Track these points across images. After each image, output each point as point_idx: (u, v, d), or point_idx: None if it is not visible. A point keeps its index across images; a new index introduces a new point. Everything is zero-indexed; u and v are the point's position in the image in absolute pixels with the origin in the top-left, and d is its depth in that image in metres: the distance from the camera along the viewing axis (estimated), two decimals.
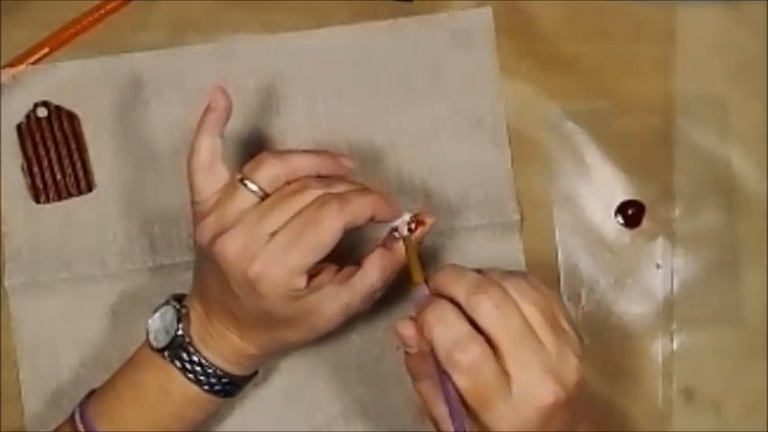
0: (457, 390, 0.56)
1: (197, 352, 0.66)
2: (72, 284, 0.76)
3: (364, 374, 0.77)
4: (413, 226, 0.66)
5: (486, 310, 0.56)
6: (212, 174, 0.65)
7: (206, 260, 0.64)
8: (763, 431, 0.77)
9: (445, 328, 0.56)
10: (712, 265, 0.78)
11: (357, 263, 0.66)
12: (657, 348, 0.77)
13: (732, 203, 0.78)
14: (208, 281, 0.65)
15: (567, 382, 0.56)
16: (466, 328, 0.56)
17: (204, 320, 0.67)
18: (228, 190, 0.64)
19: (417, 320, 0.58)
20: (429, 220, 0.67)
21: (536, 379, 0.56)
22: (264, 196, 0.63)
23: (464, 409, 0.56)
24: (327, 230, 0.61)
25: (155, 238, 0.76)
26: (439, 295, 0.58)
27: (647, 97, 0.78)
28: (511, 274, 0.58)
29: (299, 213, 0.62)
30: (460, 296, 0.57)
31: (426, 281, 0.61)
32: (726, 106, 0.78)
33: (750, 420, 0.77)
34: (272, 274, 0.61)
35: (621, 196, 0.78)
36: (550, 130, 0.78)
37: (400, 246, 0.66)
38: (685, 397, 0.77)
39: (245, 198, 0.63)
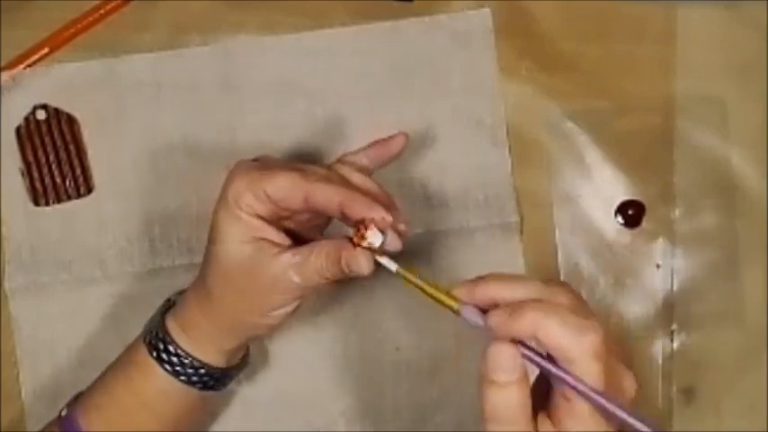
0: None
1: (173, 342, 0.66)
2: (72, 286, 0.76)
3: (364, 375, 0.77)
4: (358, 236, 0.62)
5: (569, 302, 0.54)
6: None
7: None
8: (763, 431, 0.77)
9: (562, 319, 0.51)
10: (712, 265, 0.78)
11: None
12: (657, 348, 0.77)
13: (732, 203, 0.78)
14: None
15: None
16: (576, 314, 0.52)
17: (193, 308, 0.67)
18: None
19: (512, 332, 0.53)
20: (402, 228, 0.62)
21: (620, 368, 0.55)
22: None
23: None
24: (287, 176, 0.62)
25: (154, 240, 0.76)
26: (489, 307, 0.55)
27: (647, 97, 0.78)
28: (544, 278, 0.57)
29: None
30: (532, 296, 0.54)
31: (456, 299, 0.57)
32: (726, 106, 0.78)
33: (750, 420, 0.77)
34: (236, 178, 0.63)
35: (621, 196, 0.78)
36: (550, 130, 0.78)
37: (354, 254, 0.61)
38: (685, 397, 0.77)
39: None
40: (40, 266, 0.76)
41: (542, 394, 0.55)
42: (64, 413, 0.68)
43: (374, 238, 0.60)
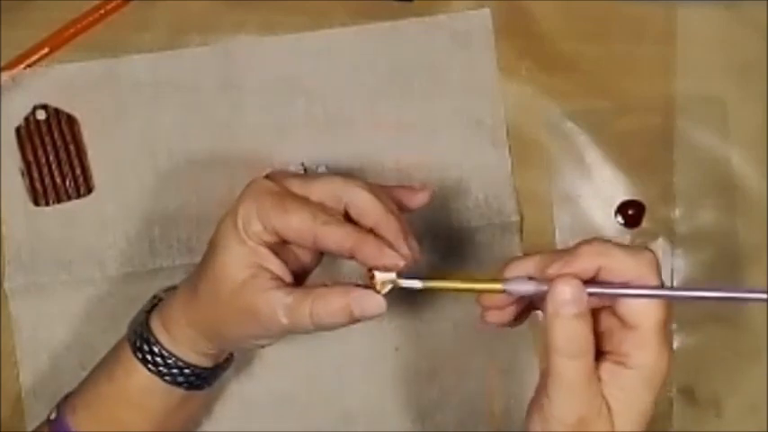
0: None
1: (157, 342, 0.65)
2: (72, 286, 0.76)
3: (364, 374, 0.77)
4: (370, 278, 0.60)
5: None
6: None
7: None
8: (763, 431, 0.77)
9: (618, 247, 0.55)
10: (712, 265, 0.78)
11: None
12: None
13: (732, 203, 0.78)
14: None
15: None
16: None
17: (177, 306, 0.65)
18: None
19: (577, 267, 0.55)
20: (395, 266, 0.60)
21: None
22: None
23: None
24: (295, 219, 0.60)
25: (154, 241, 0.76)
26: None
27: (647, 97, 0.78)
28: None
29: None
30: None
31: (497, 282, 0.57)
32: (726, 106, 0.78)
33: (750, 420, 0.77)
34: (249, 198, 0.61)
35: (621, 196, 0.78)
36: (550, 131, 0.78)
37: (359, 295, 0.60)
38: (685, 397, 0.77)
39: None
40: (40, 267, 0.76)
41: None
42: (53, 416, 0.67)
43: (386, 276, 0.59)
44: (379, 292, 0.59)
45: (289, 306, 0.59)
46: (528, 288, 0.56)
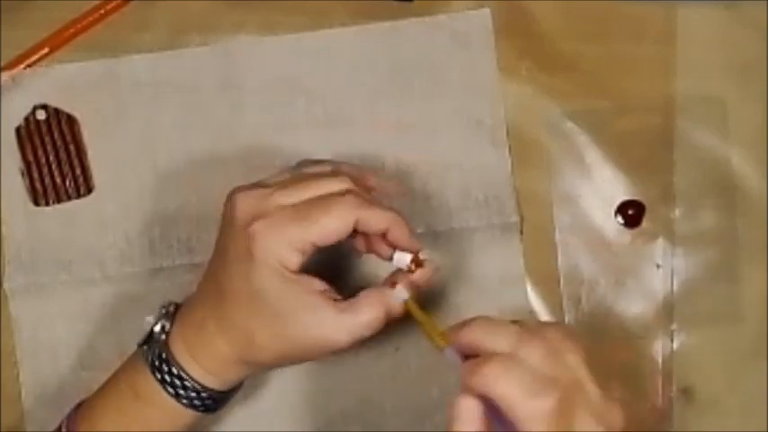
0: None
1: (177, 364, 0.64)
2: (72, 286, 0.76)
3: (364, 375, 0.77)
4: (412, 266, 0.64)
5: (537, 362, 0.54)
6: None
7: (223, 218, 0.64)
8: (763, 431, 0.77)
9: (518, 378, 0.54)
10: (712, 265, 0.78)
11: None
12: (657, 348, 0.77)
13: (732, 203, 0.78)
14: (215, 247, 0.65)
15: (616, 426, 0.55)
16: (535, 374, 0.54)
17: (197, 325, 0.65)
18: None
19: (471, 385, 0.56)
20: (429, 265, 0.64)
21: (591, 427, 0.54)
22: None
23: None
24: (335, 217, 0.61)
25: (154, 240, 0.76)
26: (471, 353, 0.57)
27: (647, 97, 0.78)
28: (546, 324, 0.58)
29: (318, 196, 0.62)
30: (505, 350, 0.55)
31: (447, 339, 0.59)
32: (726, 106, 0.78)
33: (750, 420, 0.77)
34: (268, 237, 0.60)
35: (621, 196, 0.78)
36: (550, 131, 0.78)
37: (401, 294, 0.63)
38: (685, 397, 0.77)
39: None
40: (40, 267, 0.76)
41: None
42: (64, 430, 0.67)
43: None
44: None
45: (350, 327, 0.62)
46: (458, 364, 0.58)
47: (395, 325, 0.76)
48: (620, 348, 0.77)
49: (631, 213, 0.78)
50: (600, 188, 0.78)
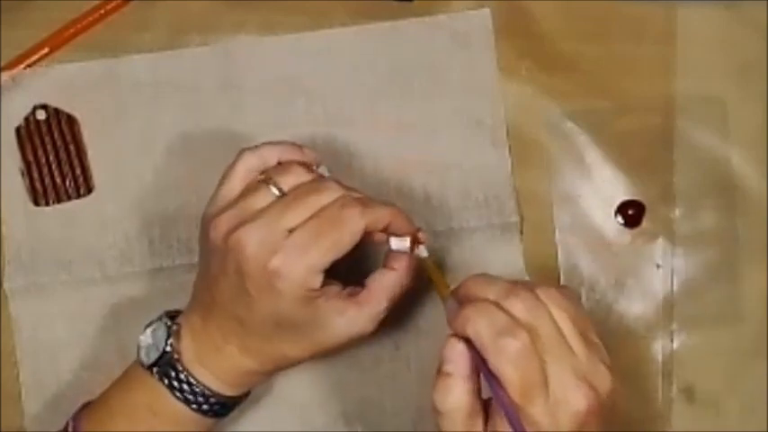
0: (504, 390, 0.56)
1: (185, 370, 0.65)
2: (71, 287, 0.76)
3: (364, 375, 0.77)
4: (413, 246, 0.67)
5: (520, 312, 0.56)
6: None
7: (218, 257, 0.64)
8: (763, 431, 0.77)
9: (489, 319, 0.56)
10: (712, 265, 0.78)
11: (359, 283, 0.66)
12: (657, 348, 0.77)
13: (732, 203, 0.78)
14: (217, 282, 0.64)
15: (601, 389, 0.56)
16: (508, 317, 0.56)
17: (202, 335, 0.66)
18: (249, 189, 0.65)
19: (454, 328, 0.58)
20: (423, 237, 0.67)
21: (570, 384, 0.56)
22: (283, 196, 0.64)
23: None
24: (349, 230, 0.62)
25: (154, 241, 0.76)
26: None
27: (647, 97, 0.78)
28: (544, 284, 0.59)
29: (319, 212, 0.62)
30: (490, 298, 0.58)
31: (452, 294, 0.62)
32: (726, 106, 0.78)
33: (750, 420, 0.77)
34: (291, 269, 0.61)
35: (621, 196, 0.78)
36: (550, 130, 0.78)
37: (404, 265, 0.66)
38: (685, 397, 0.77)
39: (265, 196, 0.64)
40: (40, 267, 0.76)
41: None
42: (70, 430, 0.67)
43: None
44: None
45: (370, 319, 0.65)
46: (452, 309, 0.60)
47: (395, 324, 0.77)
48: (620, 348, 0.77)
49: (631, 213, 0.78)
50: (600, 188, 0.78)
